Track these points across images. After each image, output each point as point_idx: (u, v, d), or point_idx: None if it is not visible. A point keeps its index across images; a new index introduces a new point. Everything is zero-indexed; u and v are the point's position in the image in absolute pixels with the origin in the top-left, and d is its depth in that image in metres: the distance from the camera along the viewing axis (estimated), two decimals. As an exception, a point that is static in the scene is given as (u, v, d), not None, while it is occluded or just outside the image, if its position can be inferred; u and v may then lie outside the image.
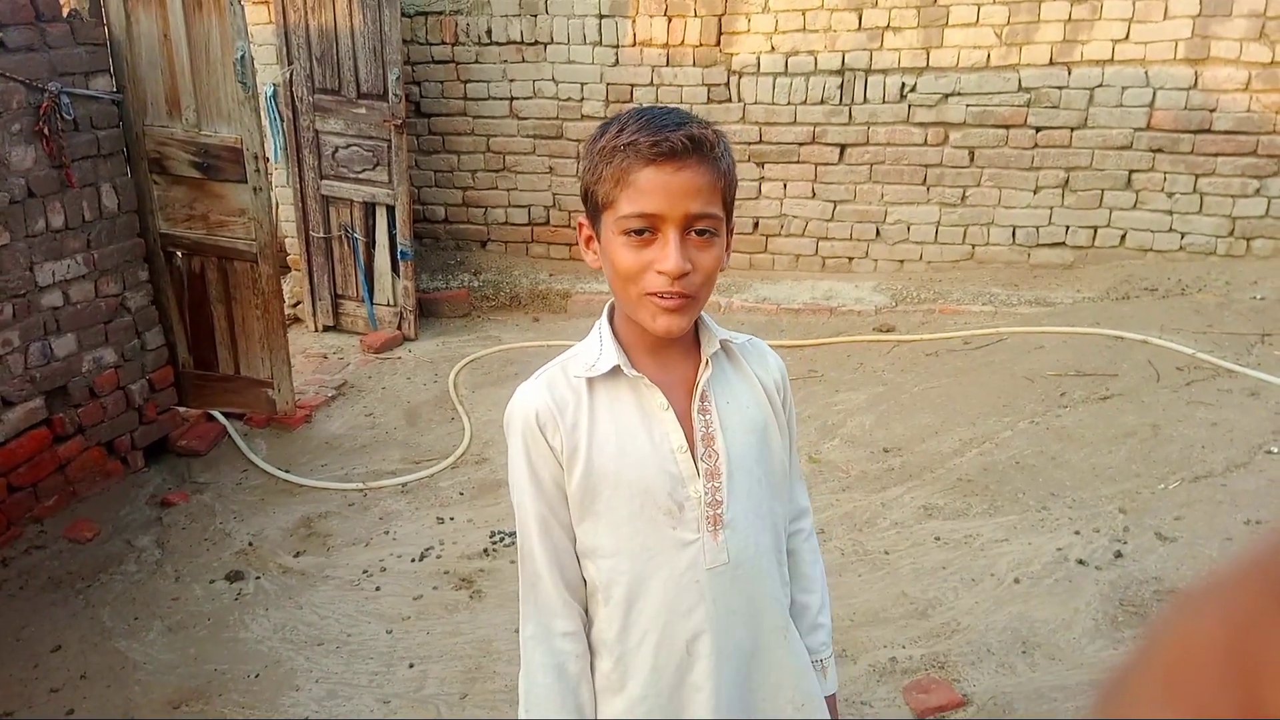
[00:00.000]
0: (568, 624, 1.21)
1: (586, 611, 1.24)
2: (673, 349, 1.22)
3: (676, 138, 1.10)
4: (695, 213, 1.11)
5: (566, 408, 1.19)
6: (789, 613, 1.31)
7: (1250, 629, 0.27)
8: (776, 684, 1.26)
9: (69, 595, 3.13)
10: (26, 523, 3.43)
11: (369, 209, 5.43)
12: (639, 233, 1.12)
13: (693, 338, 1.24)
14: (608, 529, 1.19)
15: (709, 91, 5.55)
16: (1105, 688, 0.32)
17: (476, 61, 5.84)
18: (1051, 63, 5.06)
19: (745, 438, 1.23)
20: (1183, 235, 5.13)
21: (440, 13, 5.80)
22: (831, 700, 1.36)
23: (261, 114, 4.08)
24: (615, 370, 1.19)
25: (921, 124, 5.32)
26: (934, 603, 2.86)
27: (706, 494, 1.19)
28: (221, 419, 4.23)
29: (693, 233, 1.12)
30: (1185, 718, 0.28)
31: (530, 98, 5.83)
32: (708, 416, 1.21)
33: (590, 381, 1.20)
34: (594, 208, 1.17)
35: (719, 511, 1.20)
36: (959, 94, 5.21)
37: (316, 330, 5.64)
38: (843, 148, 5.47)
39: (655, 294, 1.13)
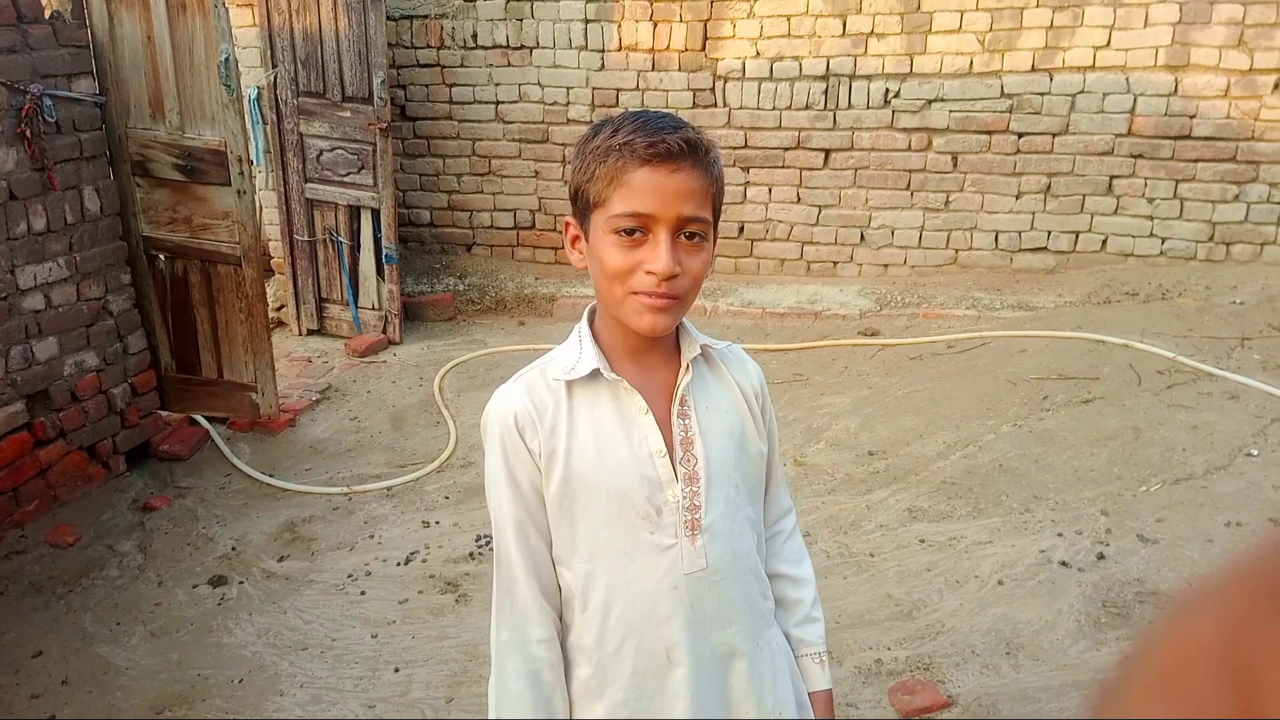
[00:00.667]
0: (543, 630, 1.19)
1: (561, 619, 1.23)
2: (653, 354, 1.22)
3: (673, 140, 1.10)
4: (687, 215, 1.11)
5: (545, 411, 1.18)
6: (775, 615, 1.30)
7: (1245, 631, 0.27)
8: (758, 689, 1.25)
9: (50, 600, 3.11)
10: (7, 527, 3.40)
11: (354, 212, 5.41)
12: (630, 233, 1.12)
13: (673, 343, 1.24)
14: (585, 534, 1.18)
15: (694, 96, 5.56)
16: (1100, 689, 0.32)
17: (462, 65, 5.84)
18: (1033, 69, 5.10)
19: (724, 443, 1.22)
20: (1163, 240, 5.18)
21: (426, 16, 5.79)
22: (828, 695, 1.34)
23: (245, 117, 4.06)
24: (595, 373, 1.18)
25: (905, 129, 5.35)
26: (919, 604, 2.88)
27: (685, 499, 1.19)
28: (204, 423, 4.21)
29: (683, 236, 1.12)
30: (1179, 719, 0.28)
31: (516, 102, 5.83)
32: (687, 421, 1.21)
33: (569, 385, 1.19)
34: (584, 206, 1.17)
35: (697, 516, 1.19)
36: (942, 100, 5.25)
37: (300, 334, 5.61)
38: (827, 153, 5.50)
39: (642, 293, 1.12)
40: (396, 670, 2.74)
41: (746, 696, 1.25)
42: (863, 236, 5.60)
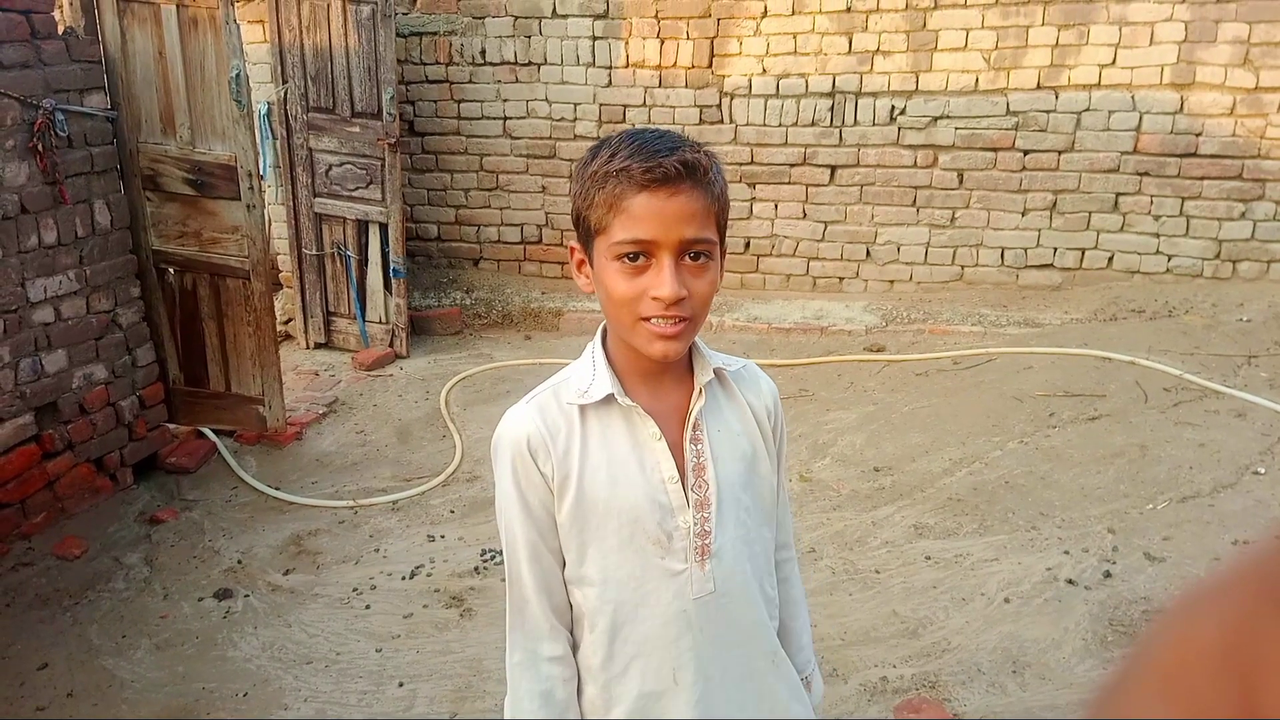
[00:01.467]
0: (555, 648, 1.19)
1: (572, 634, 1.23)
2: (666, 375, 1.21)
3: (670, 163, 1.07)
4: (690, 238, 1.09)
5: (558, 434, 1.17)
6: (778, 637, 1.31)
7: (1247, 631, 0.28)
8: (769, 707, 1.26)
9: (56, 613, 3.11)
10: (14, 539, 3.41)
11: (362, 226, 5.44)
12: (633, 259, 1.10)
13: (686, 364, 1.22)
14: (595, 558, 1.18)
15: (701, 113, 5.59)
16: (1102, 688, 0.32)
17: (470, 81, 5.87)
18: (1039, 87, 5.12)
19: (735, 466, 1.22)
20: (1169, 257, 5.18)
21: (435, 33, 5.84)
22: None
23: (255, 132, 4.09)
24: (609, 398, 1.17)
25: (911, 146, 5.37)
26: (925, 622, 2.87)
27: (695, 524, 1.18)
28: (211, 436, 4.22)
29: (687, 258, 1.11)
30: (1182, 718, 0.28)
31: (523, 118, 5.86)
32: (699, 446, 1.20)
33: (582, 408, 1.18)
34: (586, 232, 1.15)
35: (707, 541, 1.19)
36: (948, 117, 5.26)
37: (308, 347, 5.63)
38: (833, 169, 5.52)
39: (650, 319, 1.11)
40: (401, 685, 2.74)
41: (758, 716, 1.25)
42: (868, 253, 5.60)
